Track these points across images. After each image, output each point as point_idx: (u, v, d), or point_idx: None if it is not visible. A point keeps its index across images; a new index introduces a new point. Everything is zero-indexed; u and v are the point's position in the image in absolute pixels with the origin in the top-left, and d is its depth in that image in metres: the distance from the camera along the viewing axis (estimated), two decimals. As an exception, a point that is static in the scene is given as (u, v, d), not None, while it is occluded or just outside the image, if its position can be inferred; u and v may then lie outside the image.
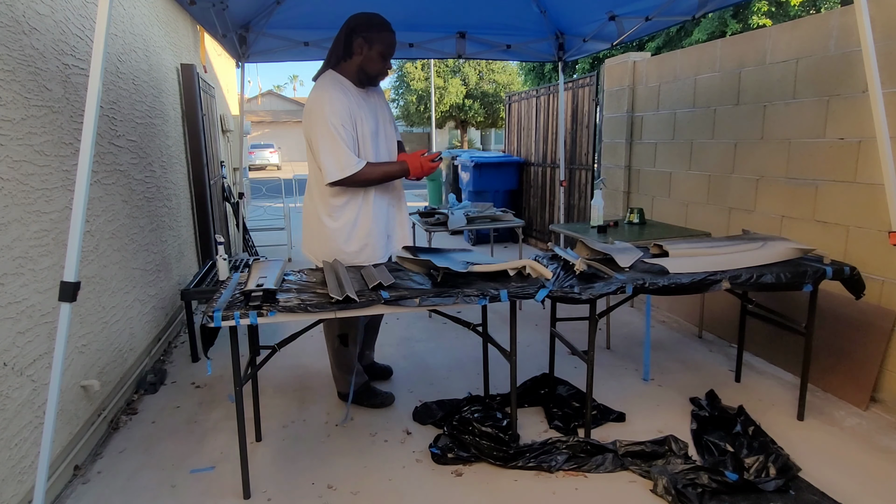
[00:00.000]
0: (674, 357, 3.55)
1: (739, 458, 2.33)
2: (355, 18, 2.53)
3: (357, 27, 2.51)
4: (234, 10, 3.55)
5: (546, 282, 2.30)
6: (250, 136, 24.65)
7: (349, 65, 2.57)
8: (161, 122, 4.07)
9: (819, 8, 10.64)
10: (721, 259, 2.53)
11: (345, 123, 2.47)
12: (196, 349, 3.66)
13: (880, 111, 2.11)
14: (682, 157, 4.27)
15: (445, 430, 2.58)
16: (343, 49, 2.55)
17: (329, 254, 2.66)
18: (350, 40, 2.52)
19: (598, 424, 2.71)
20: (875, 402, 2.84)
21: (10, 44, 2.08)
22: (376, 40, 2.51)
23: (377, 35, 2.51)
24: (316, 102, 2.48)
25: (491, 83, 25.54)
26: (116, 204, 3.09)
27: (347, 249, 2.64)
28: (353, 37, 2.52)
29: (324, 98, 2.47)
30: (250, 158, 24.26)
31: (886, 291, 2.81)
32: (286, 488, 2.29)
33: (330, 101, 2.46)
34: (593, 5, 3.89)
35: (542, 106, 6.88)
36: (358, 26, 2.51)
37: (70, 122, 2.55)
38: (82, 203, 1.74)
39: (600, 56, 10.17)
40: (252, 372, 2.44)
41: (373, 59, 2.53)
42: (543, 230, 7.01)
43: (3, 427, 1.95)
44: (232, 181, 6.46)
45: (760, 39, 3.50)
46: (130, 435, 2.73)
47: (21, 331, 2.08)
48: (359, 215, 2.63)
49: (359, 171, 2.49)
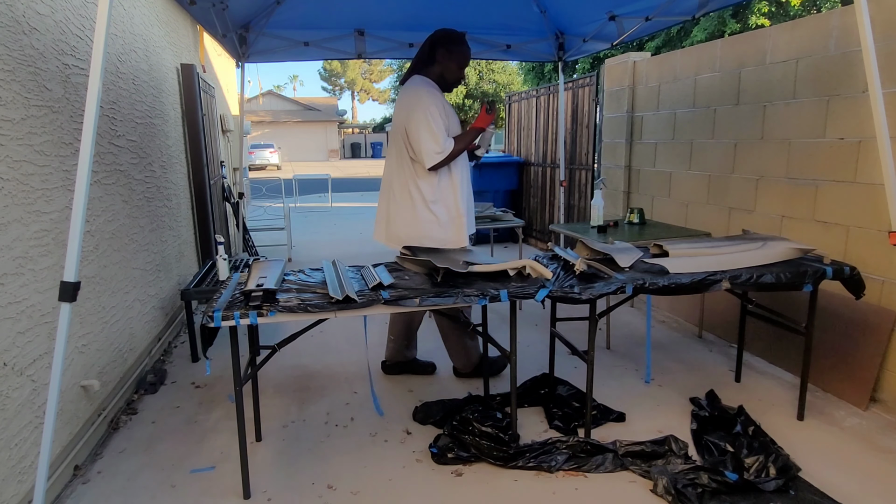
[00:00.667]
0: (674, 357, 3.55)
1: (739, 458, 2.33)
2: (439, 32, 2.94)
3: (440, 39, 2.91)
4: (234, 10, 3.55)
5: (546, 282, 2.30)
6: (250, 136, 24.65)
7: (431, 72, 2.94)
8: (161, 122, 4.07)
9: (819, 8, 10.64)
10: (721, 259, 2.53)
11: (441, 114, 2.82)
12: (196, 349, 3.66)
13: (880, 111, 2.11)
14: (682, 157, 4.27)
15: (445, 430, 2.58)
16: (427, 57, 2.93)
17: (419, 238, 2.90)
18: (434, 51, 2.90)
19: (598, 424, 2.71)
20: (875, 402, 2.85)
21: (10, 44, 2.08)
22: (456, 52, 2.90)
23: (457, 48, 2.90)
24: (414, 96, 2.84)
25: (491, 83, 25.54)
26: (116, 204, 3.09)
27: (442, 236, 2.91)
28: (437, 48, 2.90)
29: (421, 92, 2.84)
30: (250, 158, 24.26)
31: (886, 291, 2.82)
32: (286, 488, 2.29)
33: (428, 94, 2.84)
34: (593, 5, 3.89)
35: (542, 106, 6.88)
36: (441, 39, 2.91)
37: (70, 122, 2.56)
38: (82, 203, 1.74)
39: (600, 56, 10.17)
40: (252, 372, 2.44)
41: (452, 68, 2.92)
42: (543, 230, 7.01)
43: (3, 427, 1.95)
44: (232, 181, 6.46)
45: (760, 39, 3.50)
46: (130, 435, 2.73)
47: (21, 331, 2.08)
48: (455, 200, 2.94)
49: (451, 147, 2.83)
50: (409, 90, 2.88)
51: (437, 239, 2.90)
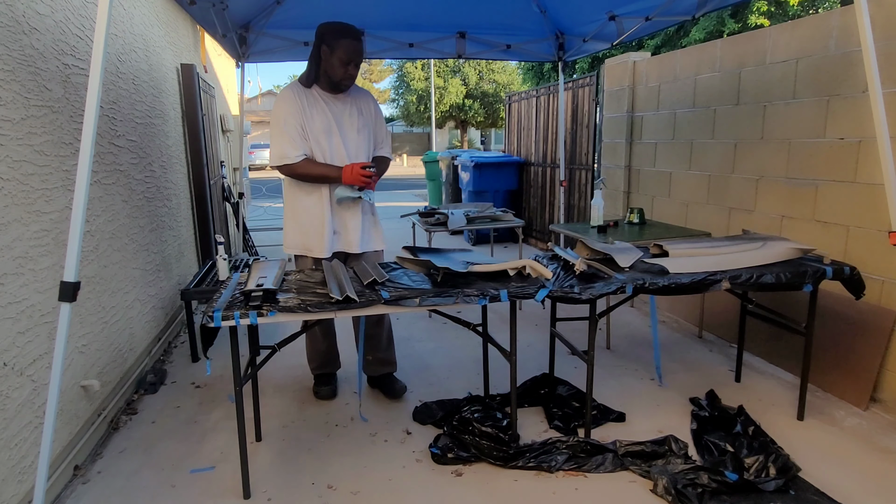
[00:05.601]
0: (674, 357, 3.55)
1: (739, 458, 2.33)
2: (321, 26, 2.70)
3: (321, 34, 2.68)
4: (234, 10, 3.55)
5: (546, 282, 2.30)
6: (250, 136, 24.62)
7: (319, 72, 2.75)
8: (161, 122, 4.07)
9: (818, 8, 10.64)
10: (721, 259, 2.53)
11: (290, 117, 2.68)
12: (196, 349, 3.66)
13: (880, 111, 2.11)
14: (682, 157, 4.27)
15: (445, 430, 2.58)
16: (312, 55, 2.74)
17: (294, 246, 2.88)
18: (318, 48, 2.70)
19: (598, 424, 2.71)
20: (875, 401, 2.84)
21: (10, 44, 2.08)
22: (336, 47, 2.65)
23: (337, 41, 2.64)
24: (275, 100, 2.78)
25: (491, 83, 25.54)
26: (116, 204, 3.09)
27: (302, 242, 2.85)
28: (319, 43, 2.69)
29: (280, 95, 2.77)
30: (250, 158, 24.24)
31: (886, 291, 2.81)
32: (286, 488, 2.29)
33: (280, 98, 2.75)
34: (593, 5, 3.89)
35: (542, 106, 6.88)
36: (321, 33, 2.68)
37: (70, 122, 2.55)
38: (82, 203, 1.74)
39: (600, 56, 10.17)
40: (252, 372, 2.44)
41: (333, 65, 2.68)
42: (543, 230, 7.01)
43: (3, 427, 1.95)
44: (232, 181, 6.46)
45: (760, 39, 3.50)
46: (130, 435, 2.73)
47: (21, 331, 2.08)
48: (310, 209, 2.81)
49: (296, 163, 2.70)
50: None
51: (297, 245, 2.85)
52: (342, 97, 2.81)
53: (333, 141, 2.76)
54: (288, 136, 2.67)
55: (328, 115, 2.75)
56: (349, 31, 2.67)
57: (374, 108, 2.96)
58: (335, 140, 2.76)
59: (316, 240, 2.81)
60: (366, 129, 2.87)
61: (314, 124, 2.72)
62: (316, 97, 2.75)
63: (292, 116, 2.68)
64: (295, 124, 2.68)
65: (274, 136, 2.71)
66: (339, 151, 2.77)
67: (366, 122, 2.87)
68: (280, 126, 2.69)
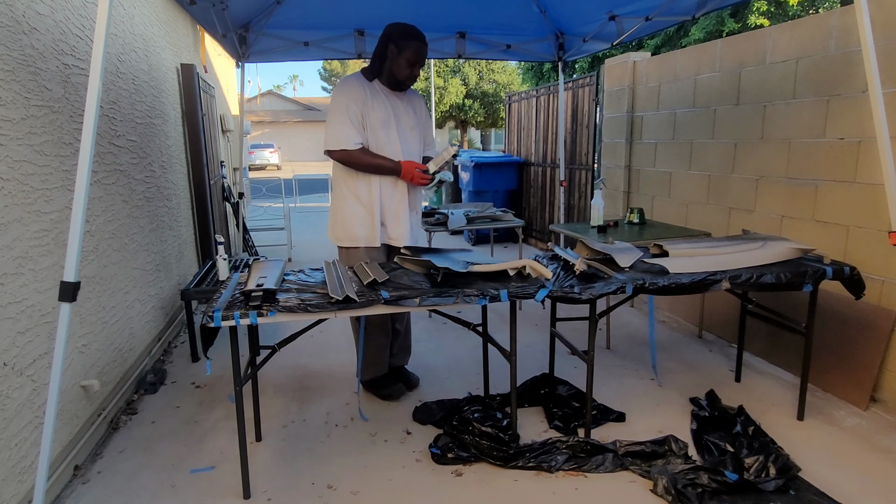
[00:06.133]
0: (674, 357, 3.55)
1: (739, 458, 2.33)
2: (390, 26, 2.80)
3: (391, 34, 2.77)
4: (234, 10, 3.55)
5: (546, 282, 2.30)
6: (250, 136, 24.64)
7: (381, 68, 2.83)
8: (161, 122, 4.07)
9: (818, 8, 10.64)
10: (721, 259, 2.53)
11: (352, 104, 2.72)
12: (196, 349, 3.66)
13: (880, 111, 2.10)
14: (682, 157, 4.27)
15: (445, 430, 2.58)
16: (379, 53, 2.81)
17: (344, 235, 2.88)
18: (385, 46, 2.78)
19: (598, 424, 2.71)
20: (875, 402, 2.84)
21: (10, 44, 2.08)
22: (405, 48, 2.74)
23: (406, 43, 2.74)
24: (336, 87, 2.82)
25: (491, 83, 25.53)
26: (116, 204, 3.09)
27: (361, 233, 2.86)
28: (388, 43, 2.77)
29: (342, 83, 2.81)
30: (250, 158, 24.27)
31: (886, 291, 2.81)
32: (286, 488, 2.29)
33: (343, 84, 2.80)
34: (593, 5, 3.89)
35: (542, 106, 6.87)
36: (391, 33, 2.77)
37: (70, 122, 2.55)
38: (82, 203, 1.74)
39: (600, 56, 10.17)
40: (252, 372, 2.44)
41: (400, 64, 2.77)
42: (543, 230, 7.01)
43: (3, 427, 1.95)
44: (232, 181, 6.46)
45: (760, 39, 3.50)
46: (130, 435, 2.73)
47: (21, 331, 2.08)
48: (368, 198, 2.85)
49: (353, 150, 2.73)
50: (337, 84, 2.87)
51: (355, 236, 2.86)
52: (400, 95, 2.89)
53: (391, 134, 2.83)
54: (350, 122, 2.72)
55: (388, 108, 2.82)
56: (417, 34, 2.78)
57: (425, 110, 3.08)
58: (392, 133, 2.83)
59: (368, 229, 2.87)
60: (418, 128, 2.97)
61: (374, 115, 2.77)
62: (377, 90, 2.82)
63: (355, 104, 2.73)
64: (357, 112, 2.74)
65: (333, 120, 2.73)
66: (394, 145, 2.84)
67: (418, 122, 2.98)
68: (342, 111, 2.72)
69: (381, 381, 3.08)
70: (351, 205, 2.85)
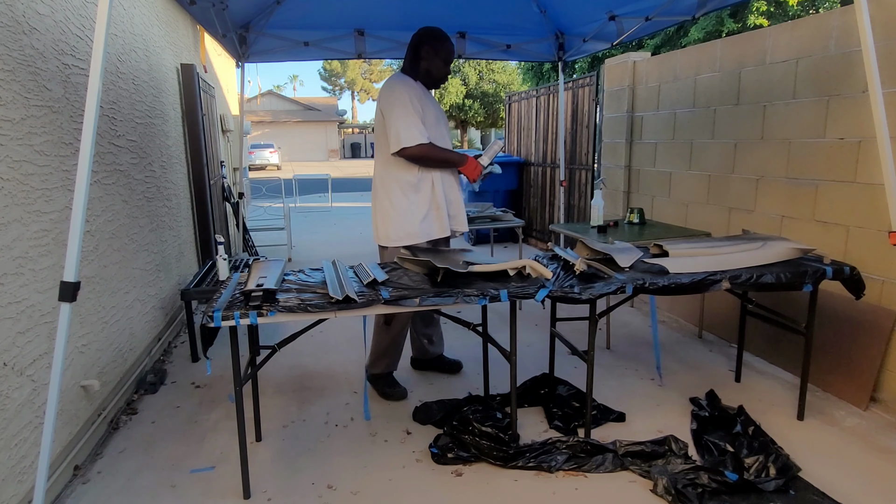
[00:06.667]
0: (674, 357, 3.55)
1: (739, 458, 2.33)
2: (423, 30, 2.96)
3: (424, 37, 2.93)
4: (234, 10, 3.55)
5: (546, 282, 2.30)
6: (250, 136, 24.65)
7: (417, 70, 2.96)
8: (161, 122, 4.07)
9: (818, 8, 10.64)
10: (721, 259, 2.53)
11: (415, 101, 2.82)
12: (196, 349, 3.66)
13: (880, 111, 2.10)
14: (682, 157, 4.27)
15: (445, 430, 2.58)
16: (413, 56, 2.95)
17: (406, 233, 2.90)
18: (419, 49, 2.93)
19: (598, 424, 2.71)
20: (875, 401, 2.84)
21: (10, 44, 2.08)
22: (440, 49, 2.93)
23: (441, 45, 2.93)
24: (391, 88, 2.87)
25: (491, 83, 25.54)
26: (116, 204, 3.09)
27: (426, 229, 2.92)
28: (422, 45, 2.92)
29: (396, 82, 2.88)
30: (250, 158, 24.26)
31: (886, 291, 2.82)
32: (286, 488, 2.29)
33: (401, 84, 2.87)
34: (593, 5, 3.89)
35: (542, 106, 6.87)
36: (425, 36, 2.94)
37: (70, 122, 2.55)
38: (82, 203, 1.74)
39: (600, 56, 10.17)
40: (252, 372, 2.44)
41: (438, 64, 2.95)
42: (543, 230, 7.01)
43: (3, 427, 1.95)
44: (232, 181, 6.46)
45: (760, 39, 3.50)
46: (130, 435, 2.73)
47: (21, 331, 2.08)
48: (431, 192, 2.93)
49: (426, 143, 2.81)
50: (386, 85, 2.91)
51: (419, 233, 2.90)
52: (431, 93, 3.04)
53: (441, 131, 2.99)
54: (418, 118, 2.80)
55: (434, 105, 2.98)
56: (447, 35, 2.97)
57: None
58: (442, 129, 3.01)
59: (438, 221, 2.95)
60: (447, 124, 3.15)
61: (429, 112, 2.90)
62: (422, 89, 2.96)
63: (417, 101, 2.83)
64: (420, 108, 2.83)
65: (401, 118, 2.78)
66: (445, 140, 3.00)
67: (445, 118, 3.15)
68: (409, 109, 2.79)
69: (388, 378, 3.10)
70: (412, 201, 2.89)
